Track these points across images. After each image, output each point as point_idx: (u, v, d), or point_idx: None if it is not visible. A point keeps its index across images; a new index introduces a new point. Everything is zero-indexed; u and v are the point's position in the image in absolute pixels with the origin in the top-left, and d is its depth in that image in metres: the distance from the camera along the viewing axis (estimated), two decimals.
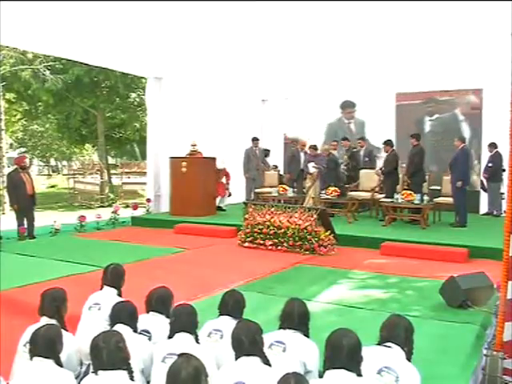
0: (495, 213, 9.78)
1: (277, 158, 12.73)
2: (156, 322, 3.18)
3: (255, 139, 11.45)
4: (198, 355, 2.20)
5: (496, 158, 9.67)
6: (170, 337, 2.87)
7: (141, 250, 7.18)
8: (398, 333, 2.73)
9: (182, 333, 2.83)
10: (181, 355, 2.16)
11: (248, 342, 2.49)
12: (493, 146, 9.82)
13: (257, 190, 11.12)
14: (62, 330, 2.77)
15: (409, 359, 2.71)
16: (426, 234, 7.79)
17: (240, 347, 2.52)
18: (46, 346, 2.55)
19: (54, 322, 3.05)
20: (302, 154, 10.72)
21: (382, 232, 7.97)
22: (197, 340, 2.89)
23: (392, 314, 3.00)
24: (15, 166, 8.55)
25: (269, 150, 12.25)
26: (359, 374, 2.35)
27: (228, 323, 3.12)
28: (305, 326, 2.98)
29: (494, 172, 9.71)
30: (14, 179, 8.24)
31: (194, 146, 10.20)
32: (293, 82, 11.27)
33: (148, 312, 3.27)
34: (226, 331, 3.06)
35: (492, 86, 9.96)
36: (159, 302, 3.25)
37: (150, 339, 3.09)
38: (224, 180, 10.89)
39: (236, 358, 2.54)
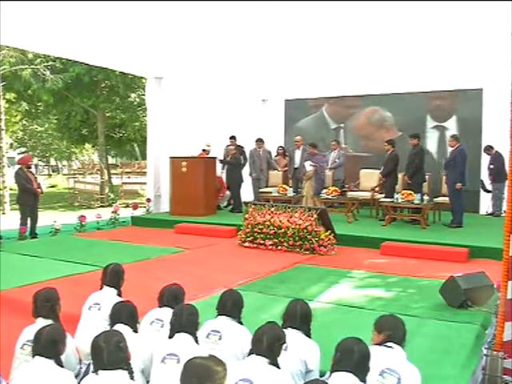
0: (496, 213, 9.76)
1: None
2: (168, 314, 3.19)
3: (259, 140, 11.43)
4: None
5: (497, 159, 9.61)
6: (170, 337, 2.88)
7: (141, 249, 7.18)
8: (399, 332, 2.75)
9: (182, 333, 2.82)
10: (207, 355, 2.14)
11: (266, 345, 2.51)
12: (491, 148, 9.79)
13: (260, 190, 11.11)
14: None
15: None
16: (426, 234, 7.79)
17: (257, 345, 2.54)
18: (48, 346, 2.55)
19: (49, 321, 3.06)
20: (298, 153, 10.68)
21: (382, 232, 7.96)
22: (196, 341, 2.89)
23: (383, 315, 2.97)
24: (19, 166, 8.56)
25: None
26: (363, 381, 2.37)
27: (226, 324, 3.13)
28: (306, 326, 3.01)
29: (497, 172, 9.68)
30: (22, 177, 8.27)
31: (209, 146, 10.46)
32: (293, 82, 11.28)
33: (160, 307, 3.33)
34: (224, 332, 3.06)
35: (492, 85, 9.96)
36: (171, 297, 3.30)
37: (162, 326, 3.14)
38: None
39: (249, 354, 2.57)
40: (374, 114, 12.19)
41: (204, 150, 10.63)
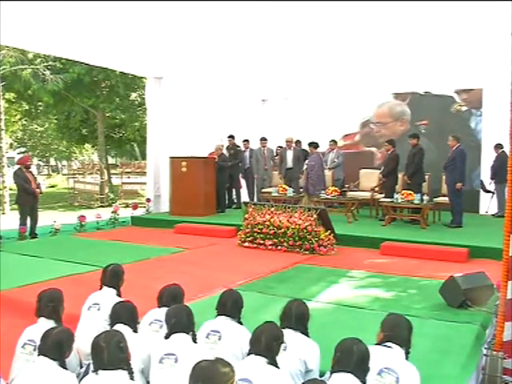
0: (499, 214, 9.68)
1: None
2: None
3: (263, 139, 11.42)
4: (195, 355, 2.19)
5: (499, 159, 9.54)
6: (166, 337, 2.88)
7: (141, 249, 7.18)
8: (400, 332, 2.74)
9: (179, 333, 2.84)
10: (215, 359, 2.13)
11: (264, 344, 2.52)
12: (499, 146, 9.70)
13: (262, 190, 11.10)
14: None
15: (406, 358, 2.72)
16: (425, 234, 7.79)
17: (255, 345, 2.55)
18: (54, 348, 2.56)
19: (52, 322, 3.06)
20: (289, 152, 10.63)
21: (382, 232, 7.96)
22: (194, 340, 2.90)
23: (390, 313, 3.01)
24: (18, 166, 8.56)
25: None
26: (363, 381, 2.37)
27: (226, 324, 3.13)
28: (303, 326, 3.01)
29: (494, 172, 9.64)
30: (20, 177, 8.27)
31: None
32: (293, 82, 11.28)
33: (160, 307, 3.32)
34: (224, 332, 3.06)
35: (492, 85, 9.95)
36: (170, 298, 3.29)
37: (161, 327, 3.14)
38: None
39: (248, 354, 2.58)
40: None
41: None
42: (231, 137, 11.02)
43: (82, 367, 3.10)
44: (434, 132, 11.21)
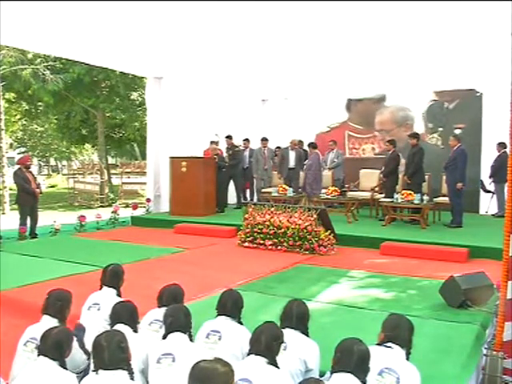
0: (499, 214, 9.65)
1: None
2: None
3: (264, 139, 11.41)
4: (193, 354, 2.19)
5: (499, 159, 9.50)
6: (163, 337, 2.88)
7: (141, 249, 7.18)
8: (400, 333, 2.75)
9: (176, 332, 2.84)
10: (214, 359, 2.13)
11: (264, 344, 2.52)
12: (501, 145, 9.58)
13: (262, 190, 11.09)
14: None
15: (407, 359, 2.72)
16: (425, 234, 7.79)
17: (255, 345, 2.55)
18: (54, 348, 2.57)
19: (55, 321, 3.07)
20: (292, 153, 10.63)
21: (382, 232, 7.96)
22: (191, 339, 2.89)
23: (391, 313, 3.01)
24: (18, 166, 8.57)
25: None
26: (364, 382, 2.38)
27: (226, 324, 3.13)
28: (303, 325, 3.01)
29: (495, 172, 9.62)
30: (20, 177, 8.27)
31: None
32: (293, 82, 11.28)
33: (160, 307, 3.31)
34: (224, 332, 3.06)
35: (492, 86, 9.94)
36: (170, 298, 3.30)
37: (161, 327, 3.14)
38: None
39: (248, 354, 2.59)
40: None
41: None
42: (229, 137, 11.01)
43: (89, 359, 3.09)
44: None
